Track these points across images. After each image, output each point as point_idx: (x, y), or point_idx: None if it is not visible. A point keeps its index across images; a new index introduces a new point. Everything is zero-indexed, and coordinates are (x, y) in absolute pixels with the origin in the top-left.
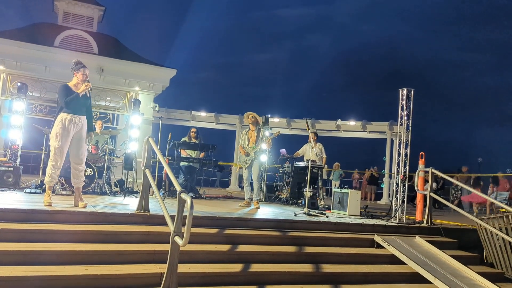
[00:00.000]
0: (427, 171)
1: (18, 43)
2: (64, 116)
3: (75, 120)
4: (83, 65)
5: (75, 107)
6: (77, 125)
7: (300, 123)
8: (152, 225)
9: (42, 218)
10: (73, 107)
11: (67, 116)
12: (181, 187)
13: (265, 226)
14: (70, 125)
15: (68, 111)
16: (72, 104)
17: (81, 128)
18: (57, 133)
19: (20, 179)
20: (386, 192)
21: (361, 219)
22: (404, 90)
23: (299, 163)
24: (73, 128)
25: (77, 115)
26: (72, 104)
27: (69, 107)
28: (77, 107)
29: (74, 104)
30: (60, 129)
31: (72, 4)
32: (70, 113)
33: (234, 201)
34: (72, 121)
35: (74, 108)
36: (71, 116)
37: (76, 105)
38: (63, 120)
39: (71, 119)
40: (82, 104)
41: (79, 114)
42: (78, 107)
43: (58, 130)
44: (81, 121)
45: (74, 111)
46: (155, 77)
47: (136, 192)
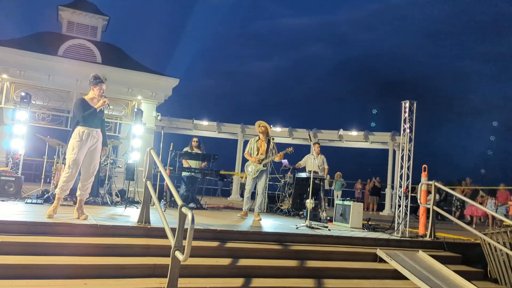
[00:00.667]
0: (430, 184)
1: (22, 52)
2: (81, 130)
3: (92, 133)
4: (101, 80)
5: (92, 121)
6: (93, 137)
7: (302, 132)
8: (152, 237)
9: (42, 230)
10: (90, 121)
11: (85, 130)
12: (182, 198)
13: (266, 239)
14: (88, 138)
15: (85, 125)
16: (89, 119)
17: (96, 141)
18: (74, 146)
19: (21, 188)
20: (388, 203)
21: (364, 232)
22: (407, 102)
23: (301, 174)
24: (90, 141)
25: (93, 128)
26: (89, 118)
27: (85, 121)
28: (94, 121)
29: (91, 118)
30: (78, 142)
31: (77, 13)
32: (87, 126)
33: (235, 212)
34: (90, 134)
35: (91, 122)
36: (88, 129)
37: (93, 119)
38: (80, 133)
39: (89, 133)
40: (98, 117)
41: (95, 127)
42: (95, 121)
43: (75, 143)
44: (97, 134)
45: (91, 125)
46: (157, 86)
47: (137, 202)
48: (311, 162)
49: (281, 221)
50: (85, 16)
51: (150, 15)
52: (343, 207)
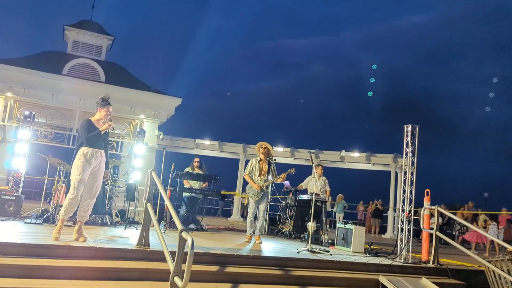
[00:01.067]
0: (432, 208)
1: (27, 71)
2: (85, 150)
3: (96, 154)
4: (108, 102)
5: (96, 142)
6: (97, 158)
7: (303, 153)
8: (152, 261)
9: (41, 252)
10: (94, 142)
11: (89, 150)
12: (183, 219)
13: (267, 264)
14: (92, 159)
15: (89, 146)
16: (93, 140)
17: (100, 162)
18: (78, 166)
19: (21, 208)
20: (390, 225)
21: (366, 257)
22: (409, 126)
23: (302, 196)
24: (94, 162)
25: (97, 149)
26: (93, 140)
27: (89, 142)
28: (98, 142)
29: (95, 140)
30: (82, 162)
31: (82, 33)
32: (91, 147)
33: (236, 234)
34: (93, 155)
35: (95, 143)
36: (92, 150)
37: (97, 140)
38: (85, 153)
39: (93, 153)
40: (102, 139)
41: (99, 148)
42: (99, 142)
43: (80, 163)
44: (101, 155)
45: (94, 146)
46: (160, 105)
47: (137, 223)
48: (313, 184)
49: (282, 245)
50: (91, 36)
51: (155, 35)
52: (345, 230)
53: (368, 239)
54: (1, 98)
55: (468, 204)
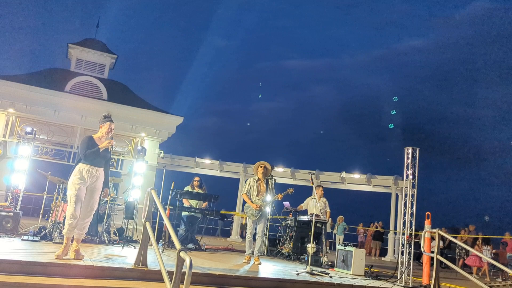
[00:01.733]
0: (433, 232)
1: (29, 87)
2: (82, 167)
3: (92, 171)
4: (110, 119)
5: (94, 159)
6: (93, 176)
7: (304, 173)
8: (149, 280)
9: (36, 270)
10: (92, 159)
11: (85, 167)
12: (181, 238)
13: (266, 285)
14: (87, 176)
15: (87, 163)
16: (91, 157)
17: (96, 179)
18: (74, 183)
19: (19, 224)
20: (391, 248)
21: (366, 280)
22: (410, 149)
23: (302, 217)
24: (90, 179)
25: (95, 167)
26: (91, 156)
27: (87, 159)
28: (97, 159)
29: (93, 157)
30: (78, 179)
31: (86, 51)
32: (88, 164)
33: (235, 254)
34: (89, 172)
35: (93, 160)
36: (90, 167)
37: (96, 157)
38: (81, 170)
39: (88, 170)
40: (102, 156)
41: (97, 166)
42: (98, 160)
43: (75, 179)
44: (98, 173)
45: (92, 163)
46: (161, 124)
47: (135, 241)
48: (313, 205)
49: (282, 266)
50: (94, 54)
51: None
52: (345, 253)
53: (368, 262)
54: (3, 114)
55: (469, 227)
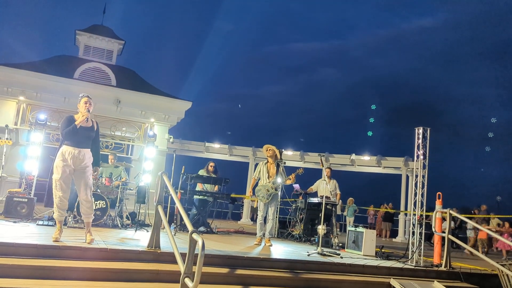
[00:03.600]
0: (444, 212)
1: (39, 75)
2: (64, 149)
3: (74, 153)
4: (84, 95)
5: (77, 140)
6: (78, 158)
7: (313, 156)
8: (162, 262)
9: (52, 253)
10: (74, 140)
11: (67, 149)
12: (193, 222)
13: (277, 266)
14: (70, 158)
15: (69, 143)
16: (70, 136)
17: (82, 161)
18: (57, 166)
19: (33, 210)
20: (401, 229)
21: (377, 260)
22: (420, 129)
23: (312, 199)
24: (74, 162)
25: (78, 148)
26: (71, 136)
27: (68, 139)
28: (79, 139)
29: (74, 136)
30: (61, 161)
31: (93, 38)
32: (70, 145)
33: (246, 237)
34: (72, 154)
35: (75, 140)
36: (72, 148)
37: (77, 137)
38: (64, 152)
39: (71, 152)
40: (84, 136)
41: (81, 147)
42: (80, 140)
43: (58, 162)
44: (82, 154)
45: (75, 144)
46: (170, 109)
47: (148, 225)
48: (323, 187)
49: (292, 248)
50: (102, 40)
51: (164, 39)
52: (356, 234)
53: (379, 243)
54: (14, 102)
55: (481, 207)
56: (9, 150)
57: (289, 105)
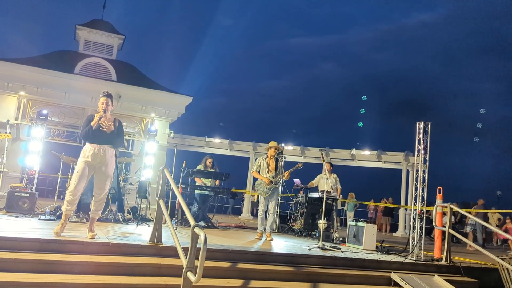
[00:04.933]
0: (445, 206)
1: (39, 70)
2: (86, 147)
3: (94, 150)
4: (103, 93)
5: (96, 138)
6: (97, 155)
7: (314, 151)
8: (164, 257)
9: (55, 248)
10: (93, 139)
11: (88, 147)
12: (194, 216)
13: (278, 260)
14: (91, 155)
15: (89, 142)
16: (88, 136)
17: (103, 157)
18: (79, 161)
19: (35, 204)
20: (402, 223)
21: (377, 254)
22: (421, 123)
23: (313, 194)
24: (94, 159)
25: (99, 145)
26: (88, 136)
27: (86, 139)
28: (98, 138)
29: (92, 136)
30: (81, 158)
31: (93, 33)
32: (91, 143)
33: (247, 231)
34: (93, 151)
35: (94, 139)
36: (92, 146)
37: (95, 136)
38: (85, 150)
39: (91, 149)
40: (103, 135)
41: (102, 143)
42: (99, 138)
43: (80, 158)
44: (102, 150)
45: (95, 141)
46: (171, 104)
47: (149, 220)
48: (324, 181)
49: (293, 242)
50: (102, 35)
51: (164, 34)
52: (356, 228)
53: (379, 237)
54: (15, 97)
55: (478, 201)
56: (10, 145)
57: (289, 100)
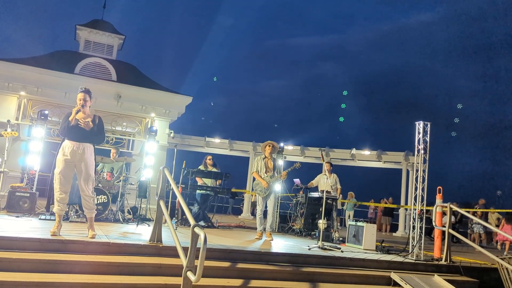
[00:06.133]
0: (445, 206)
1: (40, 70)
2: (64, 144)
3: (73, 147)
4: (80, 89)
5: (74, 135)
6: (77, 153)
7: (313, 151)
8: (164, 256)
9: (55, 247)
10: (71, 135)
11: (67, 144)
12: (194, 216)
13: (278, 260)
14: (70, 152)
15: (67, 138)
16: (67, 132)
17: (82, 155)
18: (57, 160)
19: (35, 204)
20: (402, 223)
21: (377, 254)
22: (421, 123)
23: (313, 194)
24: (73, 156)
25: (77, 142)
26: (67, 132)
27: (65, 135)
28: (77, 134)
29: (70, 132)
30: (61, 155)
31: (94, 33)
32: (69, 139)
33: (246, 231)
34: (72, 148)
35: (73, 136)
36: (71, 143)
37: (74, 133)
38: (64, 147)
39: (70, 146)
40: (82, 131)
41: (79, 141)
42: (78, 135)
43: (59, 157)
44: (81, 148)
45: (74, 139)
46: (171, 104)
47: (149, 220)
48: (324, 181)
49: (293, 242)
50: (102, 35)
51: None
52: (356, 228)
53: (379, 237)
54: (15, 97)
55: (479, 201)
56: (10, 145)
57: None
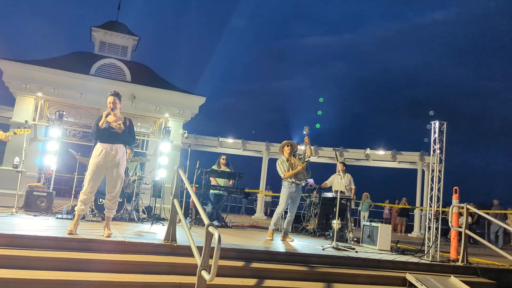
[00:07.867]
0: (461, 206)
1: (56, 71)
2: (98, 146)
3: (107, 149)
4: (110, 92)
5: (106, 137)
6: (109, 154)
7: (327, 151)
8: (179, 255)
9: (73, 246)
10: (103, 137)
11: (100, 146)
12: (208, 215)
13: (292, 260)
14: (103, 155)
15: (100, 141)
16: (98, 135)
17: (114, 157)
18: (90, 162)
19: (52, 204)
20: (417, 224)
21: (392, 255)
22: (437, 123)
23: (327, 194)
24: (106, 158)
25: (109, 144)
26: (98, 135)
27: (97, 138)
28: (108, 137)
29: (101, 135)
30: (93, 158)
31: (109, 34)
32: (102, 142)
33: (260, 231)
34: (105, 150)
35: (105, 138)
36: (103, 145)
37: (105, 135)
38: (97, 149)
39: (103, 148)
40: (113, 133)
41: (112, 143)
42: (110, 137)
43: (92, 159)
44: (114, 149)
45: (106, 141)
46: (185, 104)
47: (163, 219)
48: (338, 181)
49: (307, 242)
50: (117, 36)
51: (178, 35)
52: (371, 228)
53: (394, 238)
54: (32, 98)
55: (493, 202)
56: (28, 145)
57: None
